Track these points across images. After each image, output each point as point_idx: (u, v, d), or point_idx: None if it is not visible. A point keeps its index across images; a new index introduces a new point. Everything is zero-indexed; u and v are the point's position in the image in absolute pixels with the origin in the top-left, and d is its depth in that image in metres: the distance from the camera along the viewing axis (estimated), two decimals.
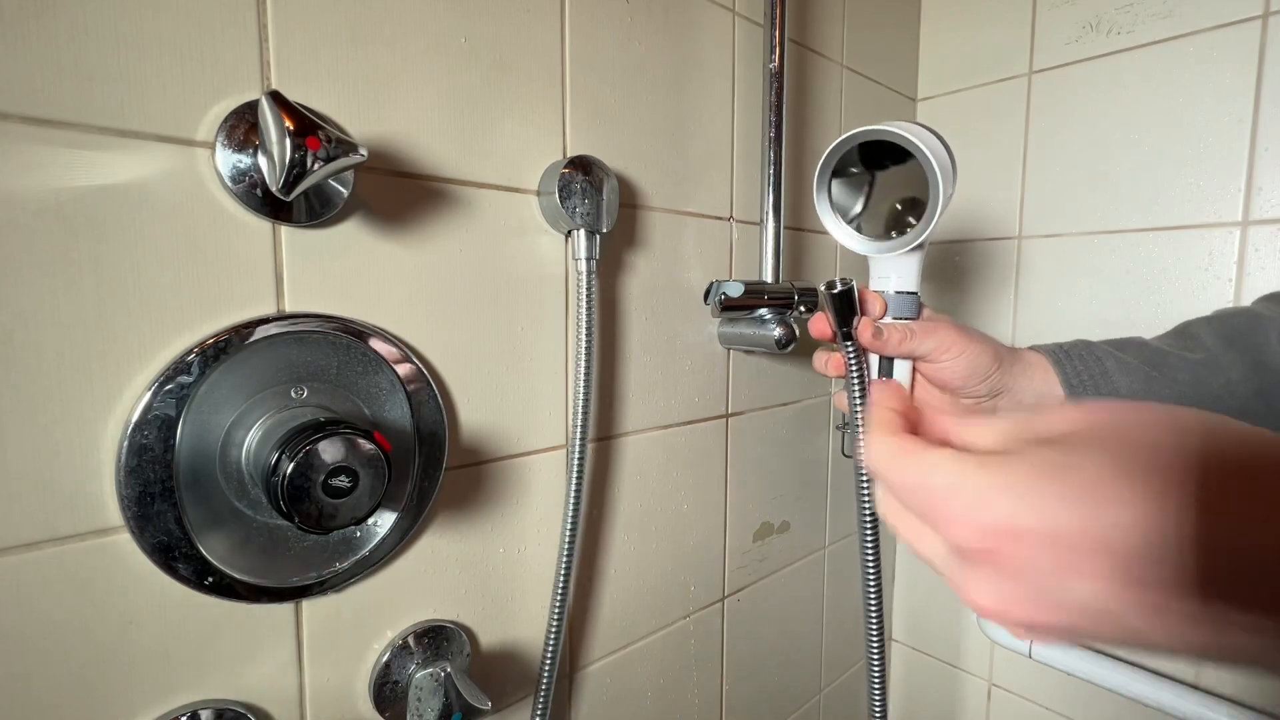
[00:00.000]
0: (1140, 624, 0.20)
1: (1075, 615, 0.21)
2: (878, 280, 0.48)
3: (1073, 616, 0.21)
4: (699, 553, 0.72)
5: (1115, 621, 0.20)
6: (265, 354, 0.41)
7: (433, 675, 0.48)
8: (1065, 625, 0.21)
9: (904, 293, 0.47)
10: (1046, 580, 0.21)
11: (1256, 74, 0.69)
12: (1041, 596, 0.21)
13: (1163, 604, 0.19)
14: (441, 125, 0.49)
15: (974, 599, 0.23)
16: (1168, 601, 0.19)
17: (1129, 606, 0.20)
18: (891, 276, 0.47)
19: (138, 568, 0.38)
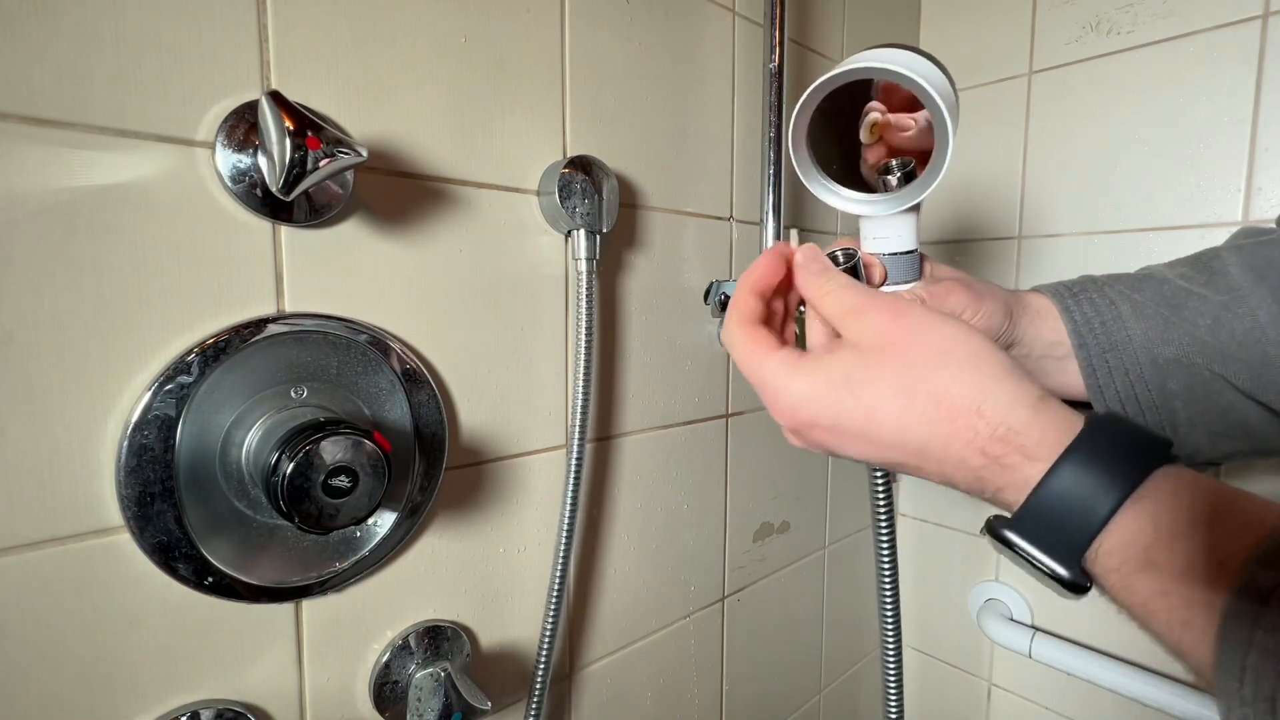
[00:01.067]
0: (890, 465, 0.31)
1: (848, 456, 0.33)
2: (872, 241, 0.41)
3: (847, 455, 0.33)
4: (699, 553, 0.72)
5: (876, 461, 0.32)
6: (265, 354, 0.41)
7: (433, 675, 0.48)
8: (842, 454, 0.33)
9: (903, 253, 0.40)
10: (832, 446, 0.33)
11: (1256, 74, 0.69)
12: (832, 448, 0.33)
13: (901, 463, 0.31)
14: (441, 125, 0.49)
15: (793, 441, 0.35)
16: (905, 460, 0.30)
17: (884, 464, 0.31)
18: (890, 237, 0.40)
19: (138, 568, 0.38)
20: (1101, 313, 0.42)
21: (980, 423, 0.28)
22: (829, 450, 0.33)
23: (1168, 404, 0.41)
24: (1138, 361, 0.41)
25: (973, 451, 0.28)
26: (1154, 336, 0.41)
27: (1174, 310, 0.41)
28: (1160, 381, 0.41)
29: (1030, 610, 0.90)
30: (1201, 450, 0.42)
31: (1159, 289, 0.42)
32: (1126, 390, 0.42)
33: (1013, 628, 0.89)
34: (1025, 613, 0.91)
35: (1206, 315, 0.40)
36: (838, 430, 0.31)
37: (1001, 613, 0.92)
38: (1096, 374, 0.42)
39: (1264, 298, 0.39)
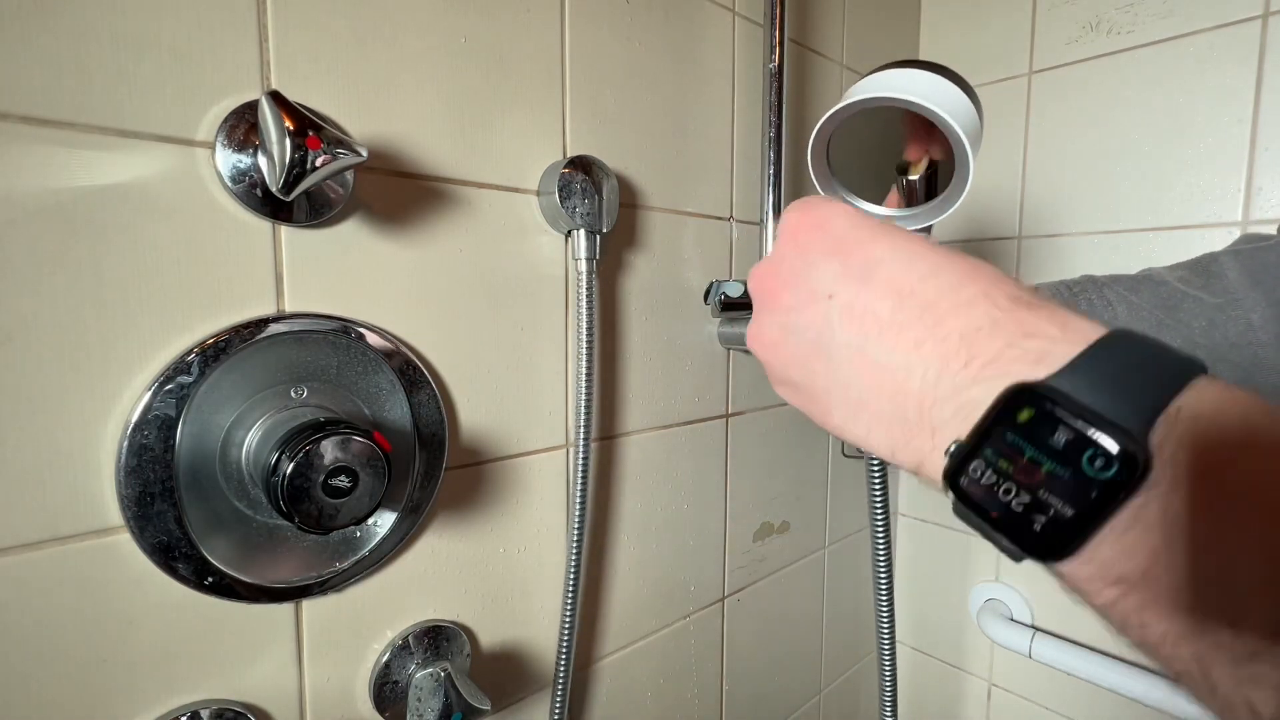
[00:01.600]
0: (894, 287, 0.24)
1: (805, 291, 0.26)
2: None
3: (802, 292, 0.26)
4: (699, 552, 0.72)
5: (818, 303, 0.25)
6: (265, 354, 0.41)
7: (433, 675, 0.48)
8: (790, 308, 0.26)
9: None
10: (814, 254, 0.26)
11: (1256, 74, 0.69)
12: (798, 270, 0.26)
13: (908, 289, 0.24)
14: (441, 125, 0.49)
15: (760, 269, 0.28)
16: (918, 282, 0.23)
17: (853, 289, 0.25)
18: None
19: (138, 568, 0.38)
20: (1098, 313, 0.43)
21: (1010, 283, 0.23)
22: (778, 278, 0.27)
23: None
24: None
25: (1004, 293, 0.22)
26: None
27: (1169, 312, 0.41)
28: None
29: (1030, 610, 0.90)
30: None
31: (1156, 291, 0.43)
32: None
33: (1013, 628, 0.89)
34: (1025, 613, 0.91)
35: (1201, 317, 0.41)
36: (842, 236, 0.25)
37: (1001, 613, 0.92)
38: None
39: (1258, 301, 0.40)
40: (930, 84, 0.34)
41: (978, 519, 0.20)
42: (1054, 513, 0.18)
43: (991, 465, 0.20)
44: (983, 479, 0.20)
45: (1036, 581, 0.90)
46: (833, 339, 0.24)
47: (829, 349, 0.24)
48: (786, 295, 0.26)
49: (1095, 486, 0.18)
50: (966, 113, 0.34)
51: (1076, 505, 0.18)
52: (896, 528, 1.05)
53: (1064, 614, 0.88)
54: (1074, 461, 0.18)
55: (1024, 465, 0.19)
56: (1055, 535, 0.19)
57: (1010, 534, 0.19)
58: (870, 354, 0.23)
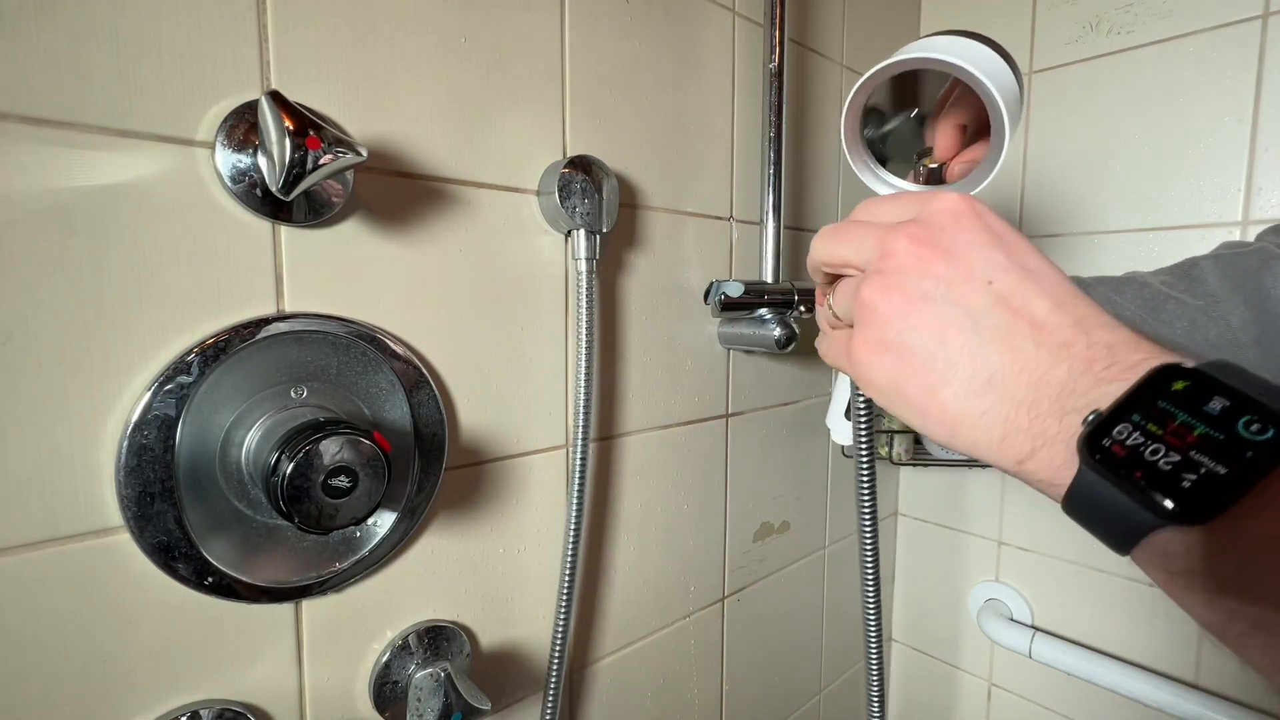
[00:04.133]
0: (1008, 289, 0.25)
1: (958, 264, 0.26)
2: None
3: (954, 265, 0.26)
4: (699, 553, 0.72)
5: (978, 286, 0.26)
6: (265, 354, 0.41)
7: (432, 675, 0.48)
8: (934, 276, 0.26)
9: None
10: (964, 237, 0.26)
11: (1256, 74, 0.69)
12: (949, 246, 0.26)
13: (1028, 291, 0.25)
14: (441, 125, 0.49)
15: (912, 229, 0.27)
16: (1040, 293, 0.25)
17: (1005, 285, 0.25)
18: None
19: (138, 568, 0.38)
20: None
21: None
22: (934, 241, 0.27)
23: None
24: None
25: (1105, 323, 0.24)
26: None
27: (1152, 312, 0.42)
28: None
29: (1030, 610, 0.91)
30: None
31: (1140, 292, 0.44)
32: None
33: (1013, 628, 0.89)
34: (1025, 613, 0.91)
35: (1183, 319, 0.41)
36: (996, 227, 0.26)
37: (1001, 613, 0.92)
38: None
39: (1237, 304, 0.40)
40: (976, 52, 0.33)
41: (1116, 479, 0.20)
42: (1205, 471, 0.19)
43: (1139, 429, 0.20)
44: (1128, 440, 0.20)
45: (1037, 582, 0.90)
46: (983, 319, 0.25)
47: (977, 327, 0.25)
48: (942, 266, 0.26)
49: (1251, 447, 0.19)
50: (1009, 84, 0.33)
51: (1230, 464, 0.19)
52: (897, 528, 1.05)
53: (1064, 614, 0.88)
54: (1230, 426, 0.19)
55: (1175, 428, 0.20)
56: (1206, 492, 0.19)
57: (1160, 488, 0.20)
58: (1017, 343, 0.24)
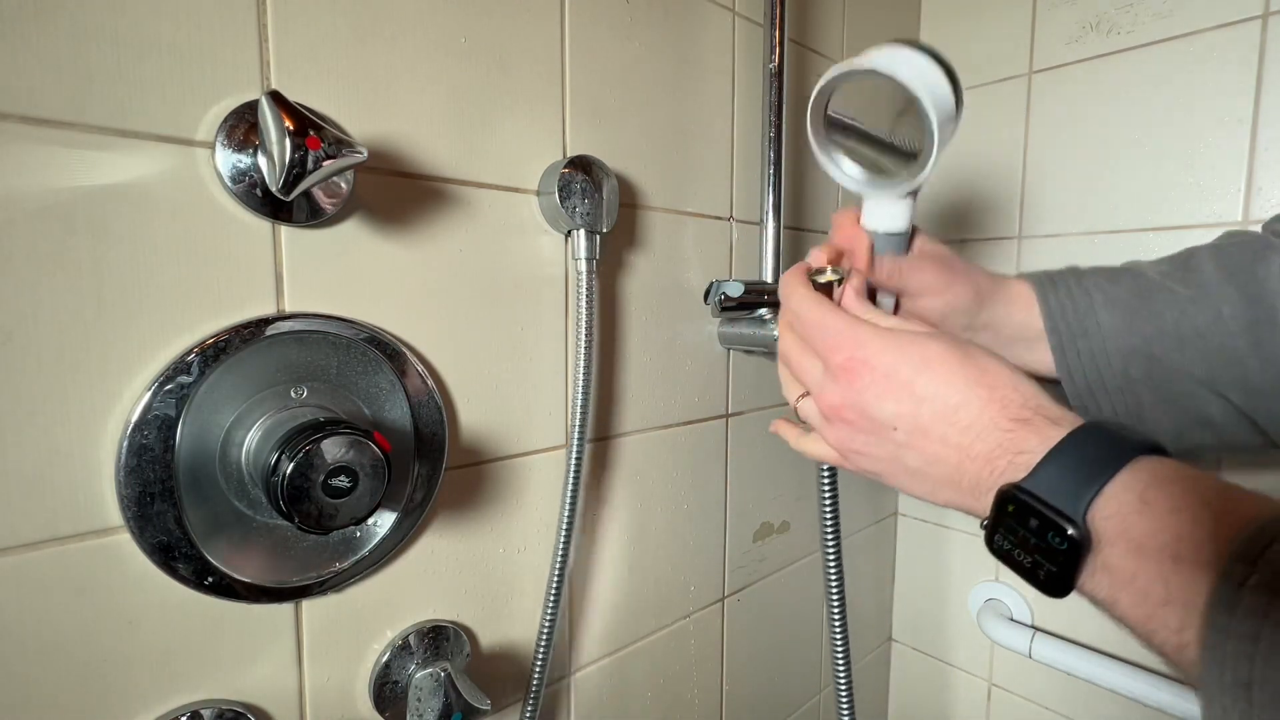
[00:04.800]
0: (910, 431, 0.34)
1: (873, 425, 0.35)
2: (869, 218, 0.44)
3: (871, 426, 0.35)
4: (699, 553, 0.72)
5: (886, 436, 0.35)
6: (265, 354, 0.41)
7: (432, 675, 0.48)
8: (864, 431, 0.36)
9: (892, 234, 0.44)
10: (871, 395, 0.35)
11: (1256, 74, 0.69)
12: (861, 402, 0.35)
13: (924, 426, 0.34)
14: (441, 125, 0.49)
15: (826, 399, 0.37)
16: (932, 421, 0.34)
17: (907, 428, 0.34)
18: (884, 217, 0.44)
19: (138, 568, 0.38)
20: (1076, 301, 0.44)
21: (1017, 395, 0.32)
22: (854, 409, 0.35)
23: (1132, 389, 0.43)
24: (1105, 349, 0.43)
25: (1007, 415, 0.31)
26: (1121, 326, 0.43)
27: (1144, 302, 0.43)
28: (1124, 368, 0.43)
29: (1030, 610, 0.90)
30: (1166, 434, 0.44)
31: (1134, 281, 0.44)
32: (1094, 375, 0.44)
33: (1013, 628, 0.89)
34: (1025, 613, 0.91)
35: (1174, 308, 0.42)
36: (892, 374, 0.34)
37: (1001, 613, 0.92)
38: (1066, 357, 0.44)
39: (1230, 295, 0.41)
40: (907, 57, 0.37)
41: (1008, 566, 0.31)
42: (1046, 569, 0.29)
43: (1005, 538, 0.30)
44: (1003, 545, 0.30)
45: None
46: (903, 458, 0.35)
47: (902, 463, 0.35)
48: (862, 433, 0.36)
49: (1060, 554, 0.28)
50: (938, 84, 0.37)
51: (1056, 565, 0.28)
52: (897, 528, 1.05)
53: (1064, 614, 0.88)
54: (1044, 537, 0.28)
55: (1021, 538, 0.29)
56: (1053, 583, 0.29)
57: (1029, 580, 0.30)
58: (930, 464, 0.34)
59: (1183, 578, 0.25)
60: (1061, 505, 0.28)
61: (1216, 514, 0.25)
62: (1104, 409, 0.44)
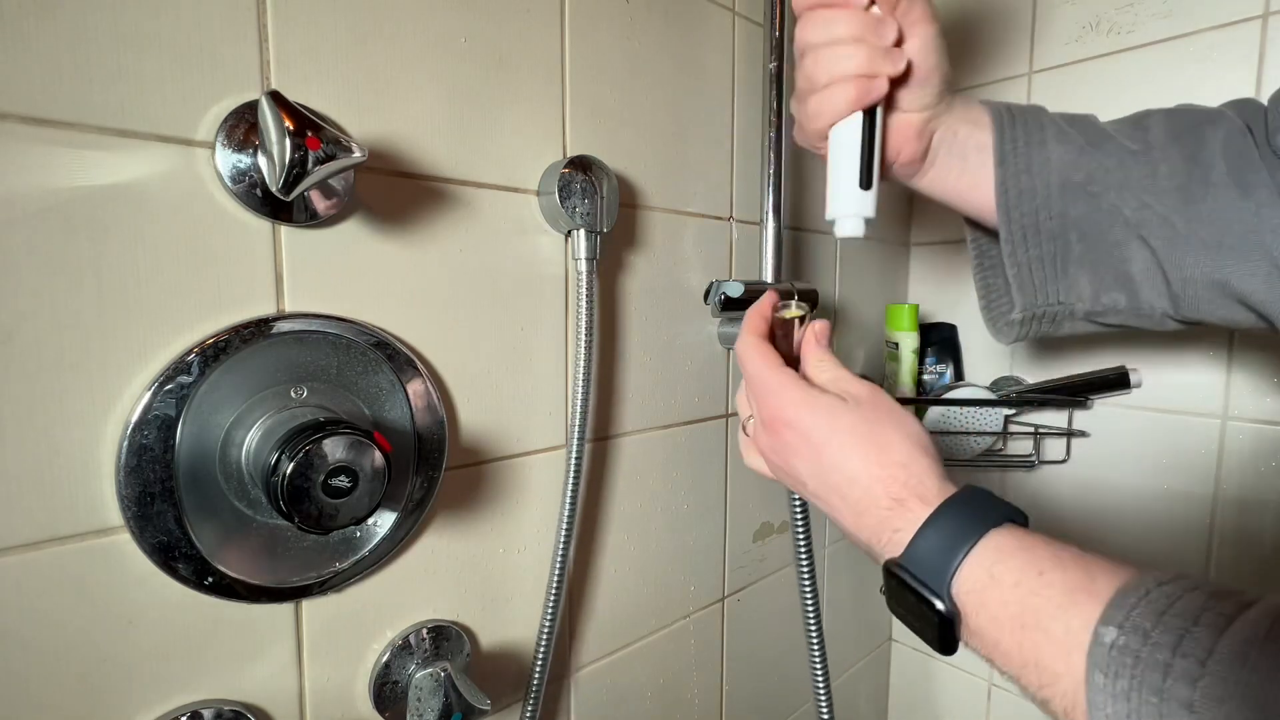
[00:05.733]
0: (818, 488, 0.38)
1: (791, 476, 0.40)
2: None
3: (790, 476, 0.40)
4: (699, 553, 0.72)
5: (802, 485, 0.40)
6: (265, 354, 0.41)
7: (432, 675, 0.48)
8: (782, 474, 0.41)
9: None
10: (784, 452, 0.39)
11: (1256, 74, 0.69)
12: (781, 453, 0.40)
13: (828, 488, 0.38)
14: (441, 125, 0.49)
15: (759, 440, 0.42)
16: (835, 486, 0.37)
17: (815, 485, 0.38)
18: None
19: (138, 568, 0.38)
20: (1030, 135, 0.44)
21: (902, 474, 0.35)
22: (777, 455, 0.40)
23: (1065, 234, 0.44)
24: (1048, 184, 0.44)
25: (888, 494, 0.35)
26: (1068, 161, 0.43)
27: (1092, 148, 0.43)
28: (1063, 208, 0.44)
29: None
30: (1084, 296, 0.45)
31: (1088, 127, 0.45)
32: (1030, 216, 0.44)
33: None
34: None
35: (1114, 157, 0.43)
36: (806, 438, 0.38)
37: None
38: (1008, 194, 0.44)
39: (1171, 155, 0.42)
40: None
41: (907, 627, 0.34)
42: (930, 633, 0.32)
43: (896, 606, 0.34)
44: (897, 610, 0.34)
45: None
46: (819, 504, 0.39)
47: (818, 506, 0.39)
48: (785, 477, 0.41)
49: (934, 622, 0.32)
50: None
51: (935, 631, 0.32)
52: None
53: None
54: (919, 609, 0.32)
55: (909, 606, 0.33)
56: (941, 644, 0.32)
57: (923, 639, 0.33)
58: (838, 517, 0.38)
59: (1033, 641, 0.28)
60: (929, 581, 0.31)
61: (1050, 583, 0.29)
62: (1032, 258, 0.45)
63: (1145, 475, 0.80)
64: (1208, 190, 0.40)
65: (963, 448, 0.89)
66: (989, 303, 0.51)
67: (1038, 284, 0.46)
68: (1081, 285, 0.45)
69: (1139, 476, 0.81)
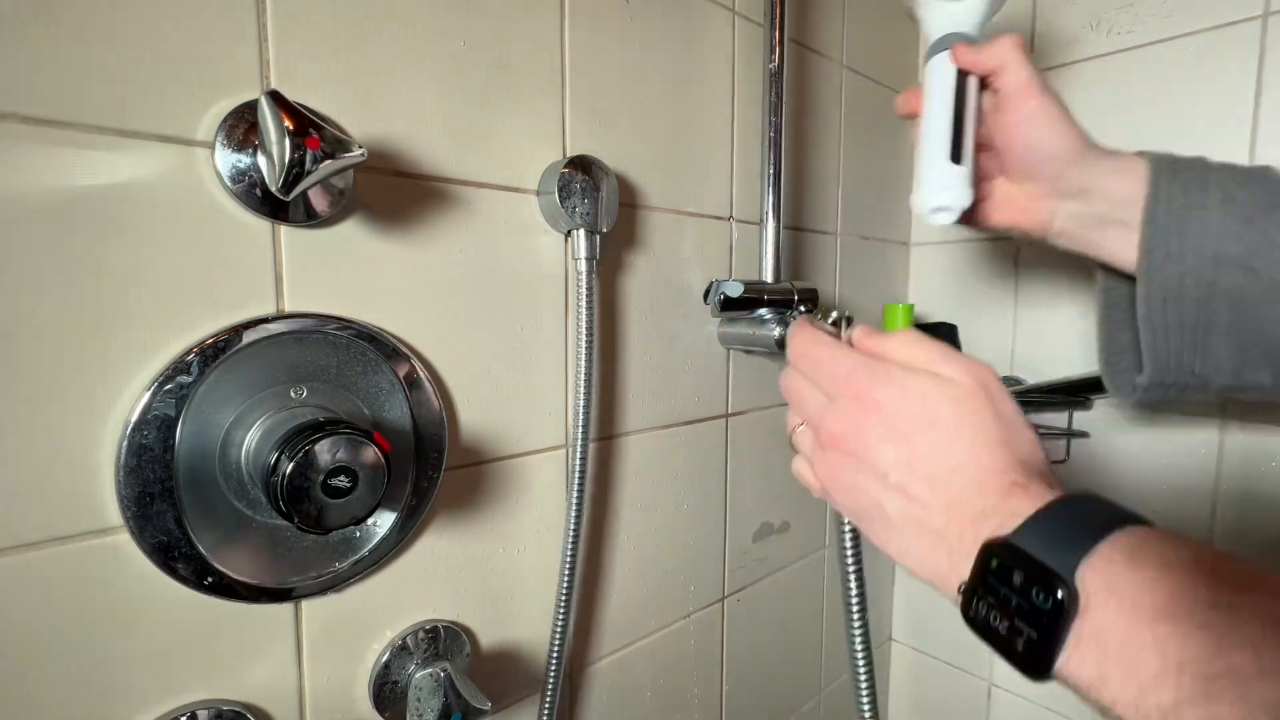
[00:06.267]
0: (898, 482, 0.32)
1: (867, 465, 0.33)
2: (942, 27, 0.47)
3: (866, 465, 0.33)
4: (699, 553, 0.72)
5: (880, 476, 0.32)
6: (265, 354, 0.41)
7: (432, 675, 0.48)
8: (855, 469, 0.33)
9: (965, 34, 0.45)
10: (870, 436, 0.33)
11: (1256, 74, 0.69)
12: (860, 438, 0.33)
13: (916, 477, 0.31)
14: (441, 125, 0.49)
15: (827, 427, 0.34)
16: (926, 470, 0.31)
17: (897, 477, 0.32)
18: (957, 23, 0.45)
19: (137, 568, 0.38)
20: (1190, 193, 0.40)
21: (1021, 469, 0.30)
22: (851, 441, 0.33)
23: (1211, 303, 0.40)
24: (1200, 252, 0.39)
25: (1003, 481, 0.29)
26: (1230, 231, 0.39)
27: (1265, 212, 0.39)
28: (1214, 275, 0.39)
29: None
30: (1223, 370, 0.41)
31: (1264, 187, 0.40)
32: (1176, 279, 0.40)
33: None
34: None
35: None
36: (894, 420, 0.32)
37: None
38: (1154, 253, 0.41)
39: None
40: None
41: (986, 641, 0.27)
42: (1026, 634, 0.26)
43: (984, 600, 0.27)
44: (981, 611, 0.27)
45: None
46: (889, 503, 0.32)
47: (885, 509, 0.32)
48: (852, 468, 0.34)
49: (1044, 615, 0.25)
50: None
51: (1038, 629, 0.25)
52: None
53: None
54: (1028, 595, 0.25)
55: (1002, 599, 0.26)
56: (1032, 654, 0.25)
57: (1004, 653, 0.27)
58: (915, 517, 0.31)
59: (1178, 640, 0.22)
60: (1050, 560, 0.25)
61: (1209, 570, 0.23)
62: (1170, 324, 0.40)
63: (1145, 475, 0.80)
64: None
65: None
66: (1111, 356, 0.46)
67: (1173, 350, 0.41)
68: (1222, 359, 0.41)
69: (1139, 476, 0.81)
